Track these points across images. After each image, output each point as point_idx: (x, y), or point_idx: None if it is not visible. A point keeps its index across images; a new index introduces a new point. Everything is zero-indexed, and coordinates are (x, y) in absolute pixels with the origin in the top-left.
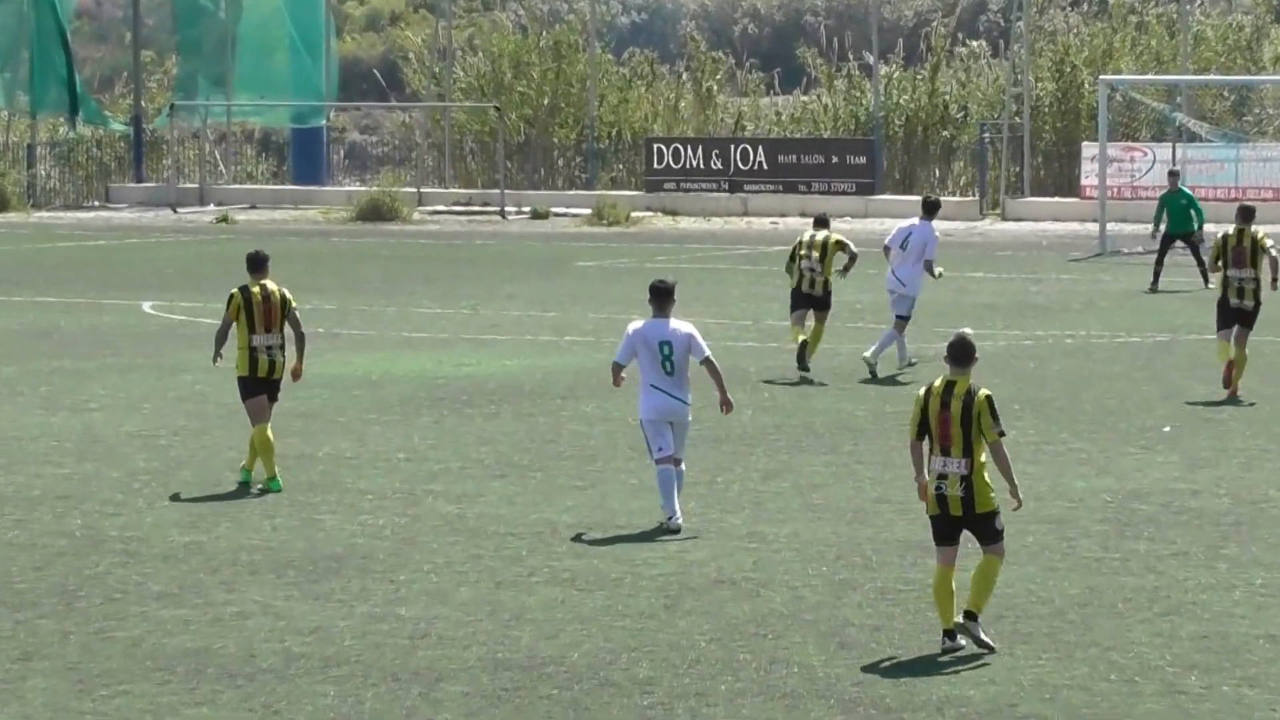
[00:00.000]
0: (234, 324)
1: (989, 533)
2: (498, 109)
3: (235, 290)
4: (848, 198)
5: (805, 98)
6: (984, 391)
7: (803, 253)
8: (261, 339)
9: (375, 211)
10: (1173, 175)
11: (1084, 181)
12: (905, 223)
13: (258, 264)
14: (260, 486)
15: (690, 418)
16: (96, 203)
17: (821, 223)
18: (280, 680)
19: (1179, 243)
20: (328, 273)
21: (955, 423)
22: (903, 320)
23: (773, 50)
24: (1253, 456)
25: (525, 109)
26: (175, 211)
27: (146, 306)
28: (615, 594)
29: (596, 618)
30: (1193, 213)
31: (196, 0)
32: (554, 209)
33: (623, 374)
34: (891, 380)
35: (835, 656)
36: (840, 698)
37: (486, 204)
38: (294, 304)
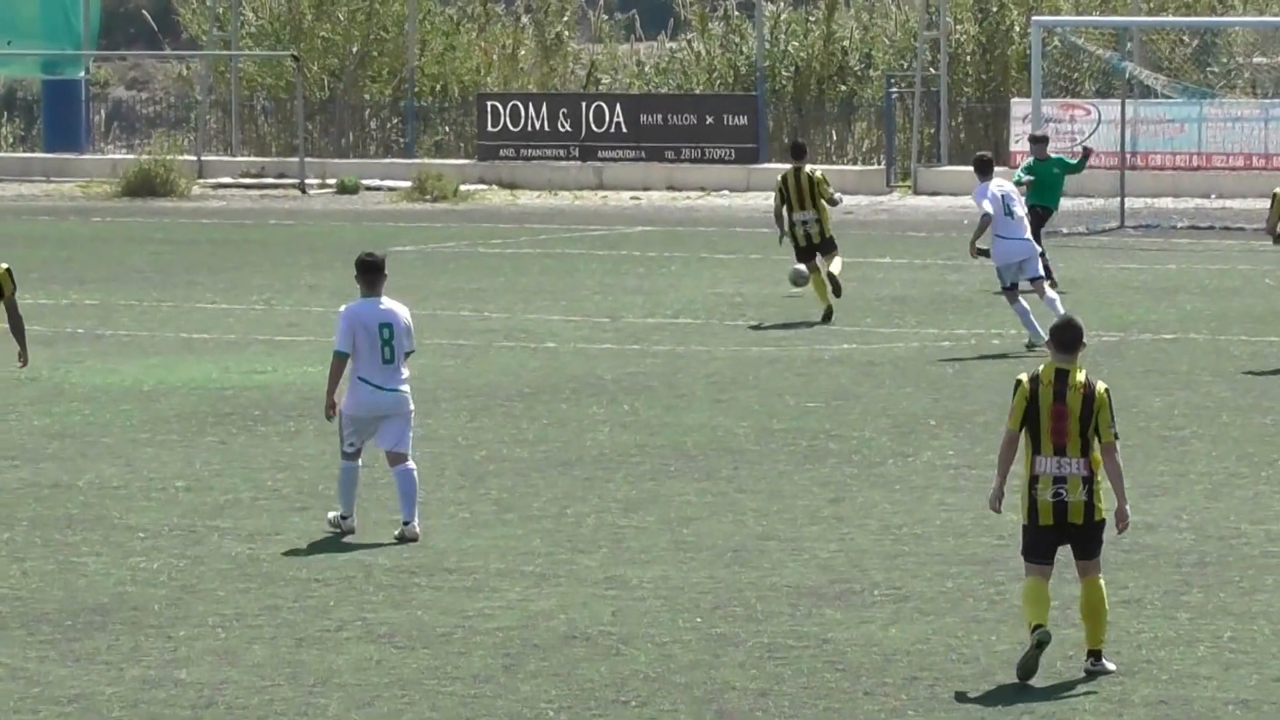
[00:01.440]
0: None
1: (1096, 546)
2: (295, 59)
3: None
4: (725, 166)
5: (673, 44)
6: (1102, 385)
7: (794, 202)
8: None
9: (146, 185)
10: (1037, 142)
11: (1013, 147)
12: (992, 187)
13: None
14: None
15: (412, 406)
16: None
17: (798, 151)
18: None
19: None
20: (88, 260)
21: (1073, 418)
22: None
23: None
24: (1219, 483)
25: (330, 59)
26: None
27: None
28: (443, 653)
29: (420, 681)
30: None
31: None
32: (365, 181)
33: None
34: (780, 384)
35: None
36: None
37: (282, 175)
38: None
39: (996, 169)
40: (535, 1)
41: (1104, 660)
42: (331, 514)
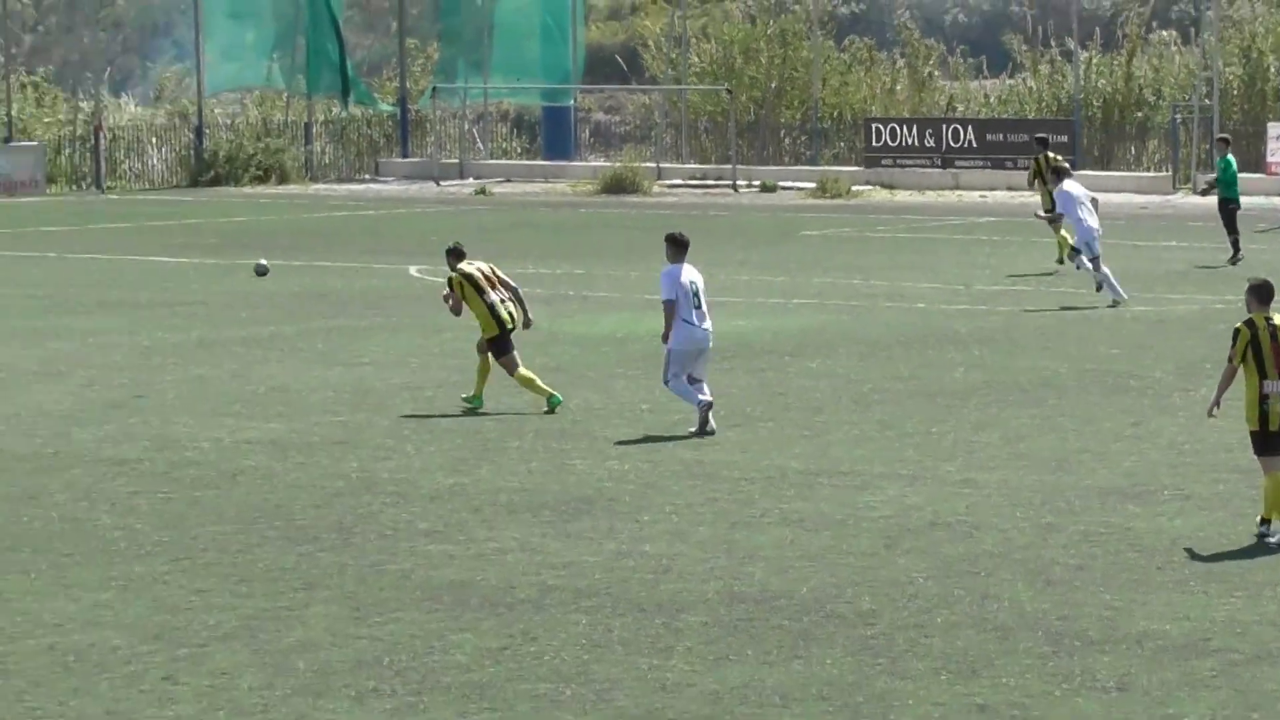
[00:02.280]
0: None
1: None
2: (729, 91)
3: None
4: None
5: (1011, 81)
6: None
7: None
8: (492, 296)
9: (618, 185)
10: (1222, 141)
11: (1269, 159)
12: (1075, 189)
13: (458, 254)
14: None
15: (712, 343)
16: (367, 176)
17: (1043, 141)
18: (536, 610)
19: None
20: (576, 240)
21: None
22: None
23: (981, 38)
24: None
25: (754, 91)
26: (438, 184)
27: (412, 270)
28: (840, 534)
29: (823, 555)
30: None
31: None
32: (781, 183)
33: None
34: (1092, 336)
35: (1042, 593)
36: (1047, 630)
37: (720, 178)
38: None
39: (1254, 175)
40: (908, 49)
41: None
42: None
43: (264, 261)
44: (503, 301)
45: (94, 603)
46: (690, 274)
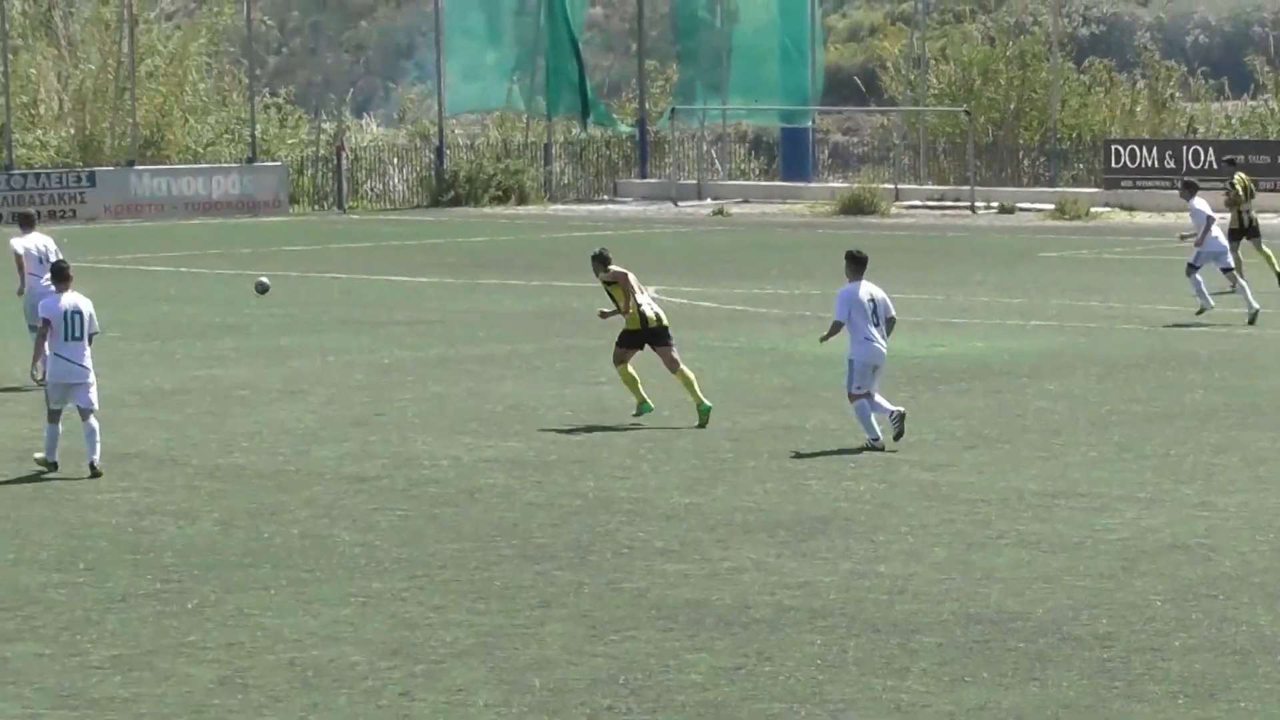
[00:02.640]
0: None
1: None
2: (968, 113)
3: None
4: None
5: (1253, 102)
6: None
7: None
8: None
9: (856, 206)
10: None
11: None
12: (1205, 205)
13: (604, 259)
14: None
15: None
16: (605, 196)
17: (1232, 163)
18: (771, 629)
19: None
20: (813, 261)
21: None
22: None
23: (1223, 59)
24: None
25: (993, 113)
26: (676, 205)
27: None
28: (1076, 556)
29: (1059, 577)
30: None
31: (695, 13)
32: (1019, 204)
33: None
34: None
35: None
36: None
37: (957, 199)
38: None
39: None
40: (1148, 70)
41: None
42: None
43: (265, 279)
44: (648, 304)
45: (333, 618)
46: (869, 290)
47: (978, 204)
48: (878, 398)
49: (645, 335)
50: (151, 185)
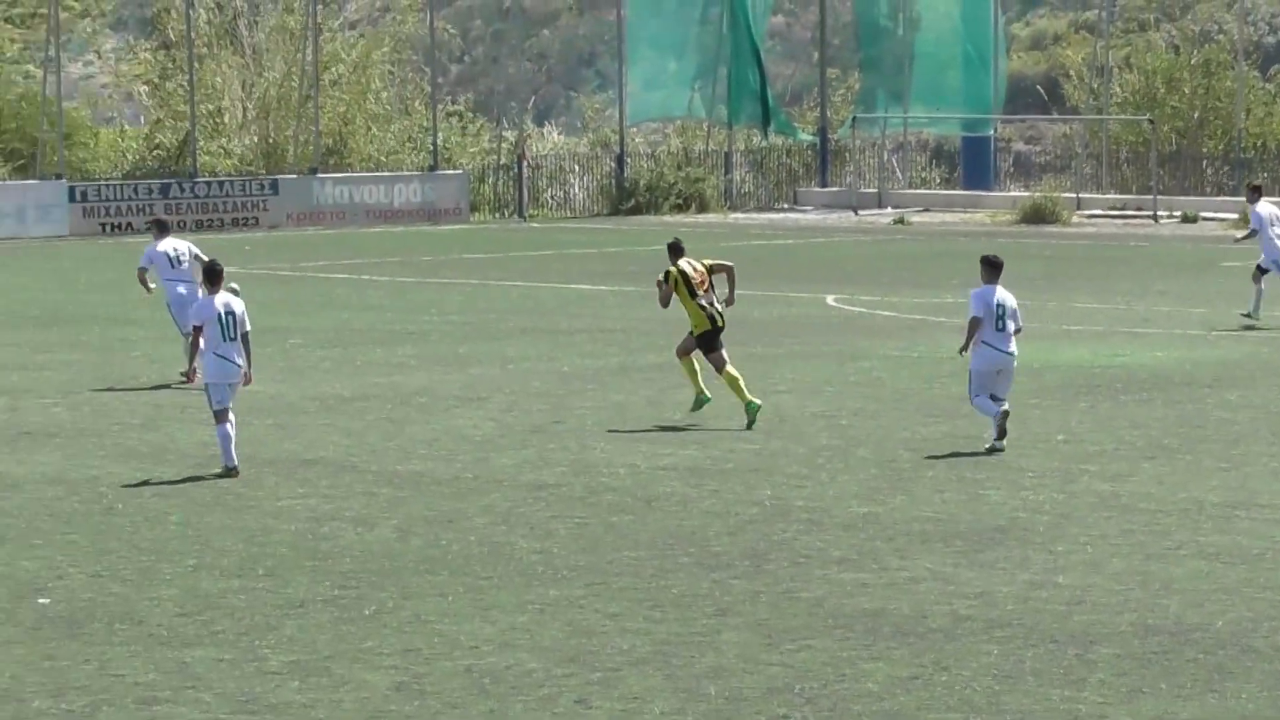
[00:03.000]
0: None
1: None
2: (1151, 122)
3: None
4: None
5: None
6: None
7: None
8: (703, 299)
9: (1037, 215)
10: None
11: None
12: (1266, 209)
13: (677, 249)
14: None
15: (1015, 365)
16: (785, 205)
17: None
18: (948, 639)
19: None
20: None
21: None
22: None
23: None
24: None
25: (1176, 121)
26: (856, 214)
27: (829, 299)
28: (1257, 567)
29: (1239, 589)
30: None
31: (878, 21)
32: (1202, 214)
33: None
34: None
35: None
36: None
37: (1140, 209)
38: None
39: None
40: None
41: None
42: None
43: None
44: (711, 304)
45: (510, 625)
46: (1000, 295)
47: (1160, 213)
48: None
49: (713, 334)
50: (334, 193)
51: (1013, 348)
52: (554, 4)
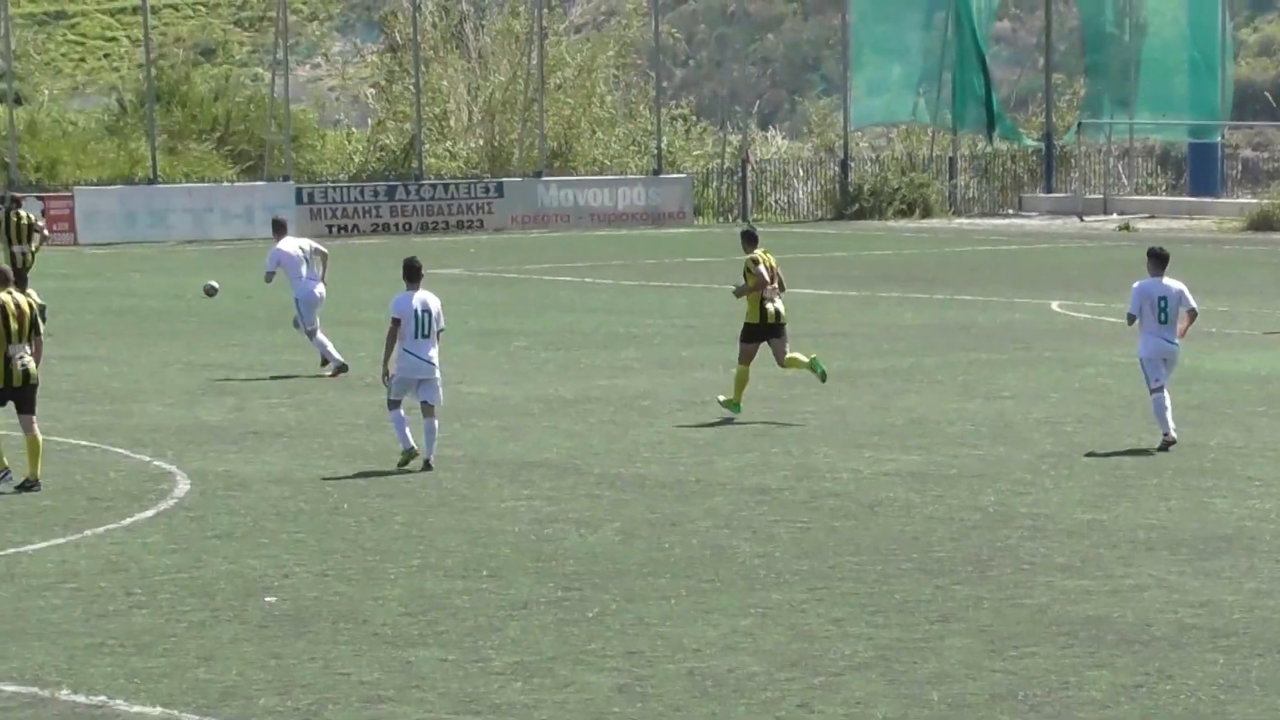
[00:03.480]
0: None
1: None
2: None
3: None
4: None
5: None
6: None
7: None
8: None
9: (1265, 222)
10: None
11: None
12: None
13: (753, 239)
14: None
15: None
16: (1009, 211)
17: None
18: (1172, 648)
19: None
20: (1221, 278)
21: None
22: None
23: None
24: None
25: None
26: (1081, 220)
27: (1054, 305)
28: None
29: None
30: None
31: (1104, 27)
32: None
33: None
34: None
35: None
36: None
37: None
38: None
39: None
40: None
41: None
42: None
43: (214, 283)
44: (770, 300)
45: (732, 629)
46: (1164, 287)
47: None
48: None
49: (765, 330)
50: (558, 196)
51: (1176, 338)
52: (778, 8)
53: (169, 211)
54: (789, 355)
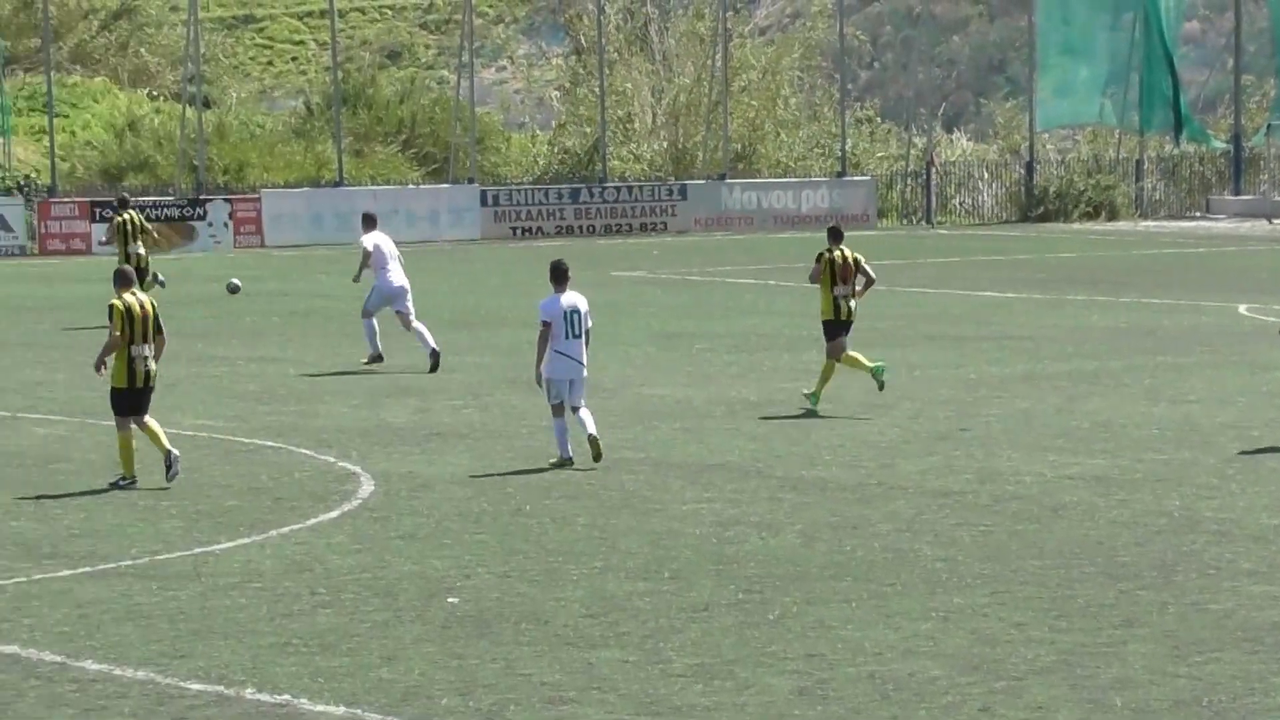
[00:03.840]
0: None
1: None
2: None
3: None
4: None
5: None
6: None
7: None
8: (841, 289)
9: None
10: None
11: None
12: None
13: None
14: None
15: None
16: (1197, 213)
17: None
18: None
19: None
20: None
21: None
22: None
23: None
24: None
25: None
26: (1270, 222)
27: (1242, 309)
28: None
29: None
30: None
31: None
32: None
33: None
34: None
35: None
36: None
37: None
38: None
39: None
40: None
41: None
42: None
43: (236, 281)
44: (845, 297)
45: (914, 632)
46: None
47: None
48: None
49: (840, 325)
50: (742, 198)
51: None
52: (964, 10)
53: (355, 214)
54: (848, 353)
